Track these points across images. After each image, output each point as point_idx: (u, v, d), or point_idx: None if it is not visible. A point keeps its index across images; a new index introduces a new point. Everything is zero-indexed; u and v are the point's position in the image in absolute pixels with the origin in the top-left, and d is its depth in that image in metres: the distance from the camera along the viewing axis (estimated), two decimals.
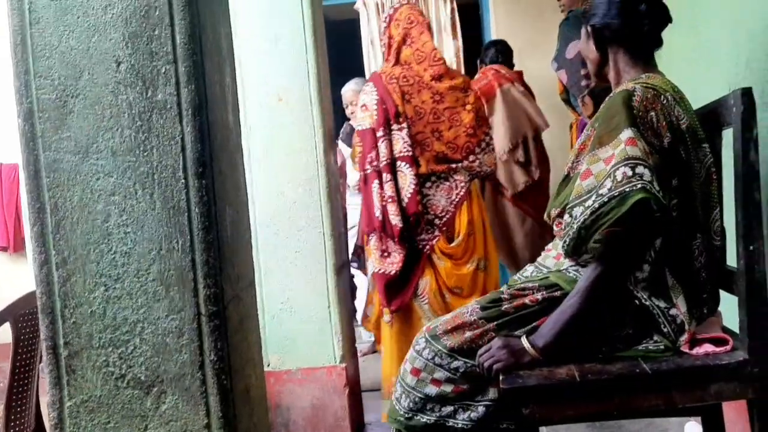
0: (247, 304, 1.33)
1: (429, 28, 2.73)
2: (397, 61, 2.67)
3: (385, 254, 2.53)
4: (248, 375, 1.29)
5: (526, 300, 1.55)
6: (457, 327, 1.58)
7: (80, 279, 1.15)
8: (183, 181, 1.15)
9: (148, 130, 1.14)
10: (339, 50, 5.23)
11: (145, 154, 1.15)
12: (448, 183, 2.59)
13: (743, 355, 1.44)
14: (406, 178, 2.52)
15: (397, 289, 2.53)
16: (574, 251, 1.48)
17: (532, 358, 1.48)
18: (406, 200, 2.51)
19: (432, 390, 1.55)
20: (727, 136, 1.52)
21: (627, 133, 1.40)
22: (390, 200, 2.51)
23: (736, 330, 1.51)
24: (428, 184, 2.58)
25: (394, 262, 2.50)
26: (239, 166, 1.38)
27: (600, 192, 1.38)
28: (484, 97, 3.22)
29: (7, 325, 2.00)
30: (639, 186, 1.34)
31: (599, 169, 1.42)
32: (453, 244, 2.55)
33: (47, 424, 2.06)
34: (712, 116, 1.55)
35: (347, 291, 2.72)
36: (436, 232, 2.54)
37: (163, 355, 1.15)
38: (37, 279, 1.15)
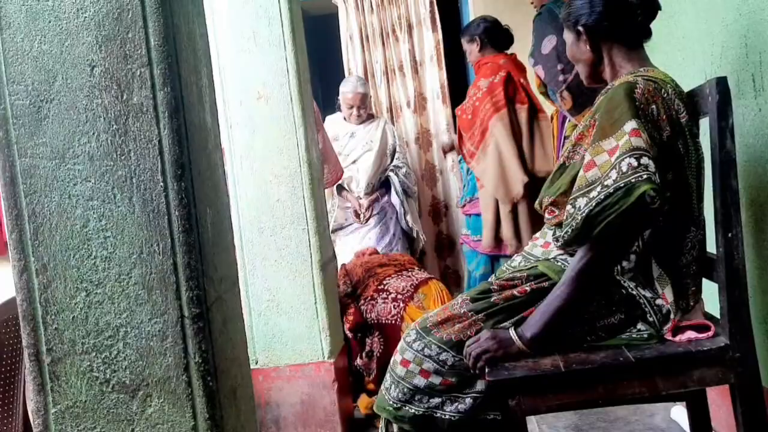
0: (230, 305, 1.33)
1: None
2: None
3: None
4: (234, 375, 1.29)
5: (515, 291, 1.56)
6: (447, 319, 1.59)
7: (61, 285, 1.14)
8: (162, 184, 1.14)
9: (125, 133, 1.14)
10: (318, 45, 5.21)
11: (123, 158, 1.14)
12: None
13: (724, 340, 1.46)
14: None
15: None
16: (575, 242, 1.47)
17: (519, 349, 1.49)
18: None
19: (420, 381, 1.56)
20: (704, 125, 1.53)
21: (631, 125, 1.40)
22: None
23: (718, 316, 1.53)
24: None
25: None
26: (218, 167, 1.37)
27: (605, 183, 1.38)
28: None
29: None
30: (645, 177, 1.35)
31: (603, 160, 1.42)
32: None
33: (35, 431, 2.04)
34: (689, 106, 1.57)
35: (334, 287, 2.73)
36: None
37: (147, 358, 1.15)
38: (17, 286, 1.14)
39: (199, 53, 1.32)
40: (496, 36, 3.39)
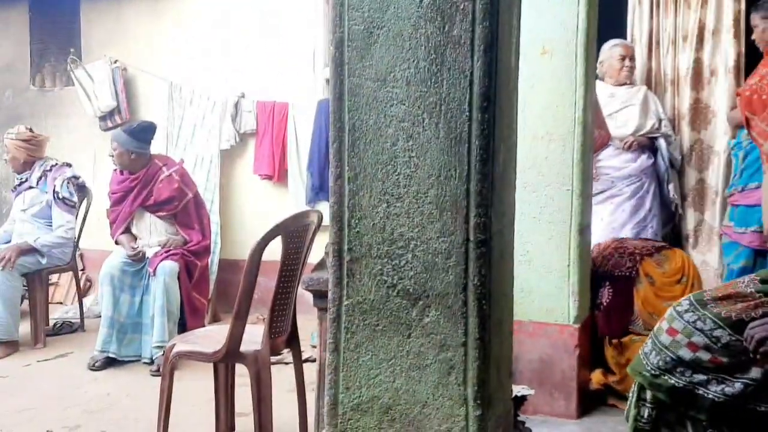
0: (507, 240, 1.37)
1: None
2: None
3: None
4: (502, 307, 1.35)
5: None
6: (729, 296, 1.49)
7: (366, 194, 1.28)
8: (467, 113, 1.21)
9: (441, 63, 1.22)
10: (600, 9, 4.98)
11: (436, 85, 1.22)
12: None
13: None
14: None
15: None
16: None
17: None
18: None
19: (686, 353, 1.49)
20: None
21: None
22: None
23: None
24: None
25: None
26: (515, 106, 1.41)
27: None
28: None
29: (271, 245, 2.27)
30: None
31: None
32: None
33: (299, 333, 2.32)
34: None
35: (589, 253, 2.67)
36: None
37: (431, 272, 1.24)
38: (332, 189, 1.30)
39: None
40: None
